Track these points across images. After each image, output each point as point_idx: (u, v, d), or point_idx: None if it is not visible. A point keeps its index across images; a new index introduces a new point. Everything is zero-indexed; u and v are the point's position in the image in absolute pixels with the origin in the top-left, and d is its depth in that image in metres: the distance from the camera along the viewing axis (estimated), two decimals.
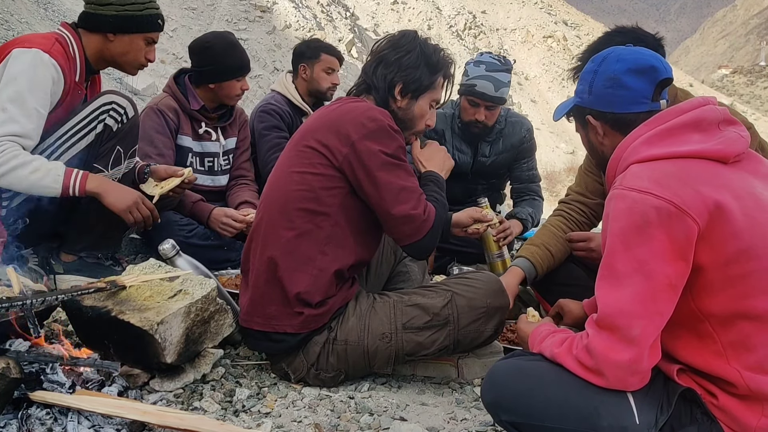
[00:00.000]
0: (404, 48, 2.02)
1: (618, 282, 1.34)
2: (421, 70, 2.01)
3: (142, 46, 2.46)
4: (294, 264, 1.90)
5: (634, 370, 1.34)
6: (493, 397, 1.51)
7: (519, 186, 3.45)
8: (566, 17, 49.51)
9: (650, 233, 1.31)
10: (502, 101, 3.18)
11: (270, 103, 3.45)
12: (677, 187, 1.32)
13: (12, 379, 1.44)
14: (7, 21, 10.34)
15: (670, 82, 1.58)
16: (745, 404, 1.34)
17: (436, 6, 39.31)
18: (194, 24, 20.73)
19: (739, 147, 1.40)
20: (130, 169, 2.50)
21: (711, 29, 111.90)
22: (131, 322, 1.69)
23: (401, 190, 1.90)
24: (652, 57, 1.56)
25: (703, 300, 1.35)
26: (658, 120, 1.46)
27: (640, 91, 1.53)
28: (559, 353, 1.43)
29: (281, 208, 1.94)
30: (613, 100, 1.55)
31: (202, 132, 3.04)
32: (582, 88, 1.63)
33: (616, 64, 1.55)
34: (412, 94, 2.03)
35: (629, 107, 1.54)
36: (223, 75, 2.94)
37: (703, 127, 1.42)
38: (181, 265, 2.16)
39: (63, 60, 2.31)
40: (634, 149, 1.45)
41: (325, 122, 1.96)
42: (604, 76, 1.56)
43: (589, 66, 1.62)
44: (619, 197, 1.37)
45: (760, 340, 1.33)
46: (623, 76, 1.53)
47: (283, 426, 1.69)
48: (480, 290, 1.99)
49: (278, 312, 1.92)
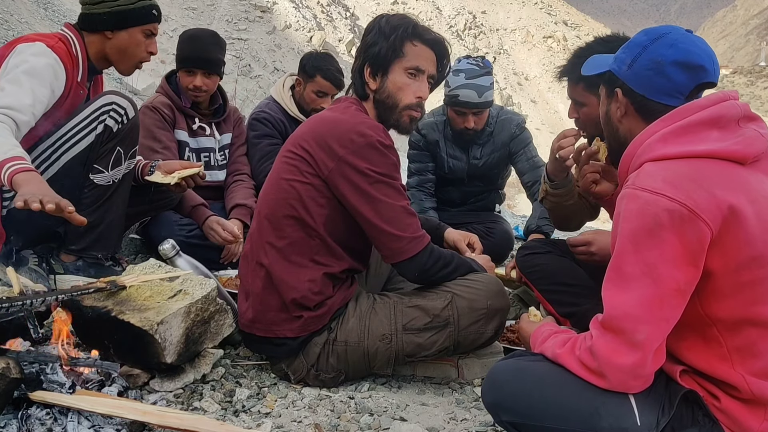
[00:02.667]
0: (366, 31, 1.99)
1: (626, 284, 1.32)
2: (380, 44, 1.93)
3: (142, 40, 2.44)
4: (287, 271, 1.90)
5: (636, 374, 1.33)
6: (494, 398, 1.50)
7: (526, 178, 3.40)
8: (566, 17, 49.48)
9: (661, 236, 1.28)
10: (487, 105, 3.19)
11: (263, 111, 3.42)
12: (691, 189, 1.27)
13: (12, 379, 1.44)
14: (7, 21, 10.35)
15: (712, 86, 1.49)
16: (748, 408, 1.34)
17: (436, 6, 39.30)
18: (194, 24, 20.71)
19: (758, 147, 1.35)
20: (130, 169, 2.50)
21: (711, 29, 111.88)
22: (131, 322, 1.69)
23: (388, 209, 1.86)
24: (705, 55, 1.46)
25: (711, 305, 1.33)
26: (676, 116, 1.39)
27: (679, 85, 1.45)
28: (561, 354, 1.42)
29: (270, 216, 1.94)
30: (650, 84, 1.46)
31: (196, 128, 3.08)
32: (624, 57, 1.52)
33: (668, 49, 1.45)
34: (379, 70, 1.94)
35: (662, 97, 1.46)
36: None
37: (722, 125, 1.36)
38: (181, 265, 2.16)
39: (65, 57, 2.31)
40: (649, 146, 1.39)
41: (315, 133, 1.91)
42: (650, 56, 1.46)
43: (641, 38, 1.51)
44: (631, 197, 1.32)
45: (766, 346, 1.32)
46: (669, 66, 1.44)
47: (283, 426, 1.69)
48: (480, 291, 1.98)
49: (278, 318, 1.92)
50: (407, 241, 1.88)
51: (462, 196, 3.55)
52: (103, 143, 2.37)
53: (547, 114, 37.06)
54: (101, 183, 2.40)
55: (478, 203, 3.61)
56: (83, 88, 2.42)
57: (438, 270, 1.96)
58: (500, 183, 3.64)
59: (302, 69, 3.41)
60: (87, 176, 2.38)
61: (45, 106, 2.23)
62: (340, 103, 2.03)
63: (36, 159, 2.29)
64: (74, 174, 2.35)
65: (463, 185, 3.49)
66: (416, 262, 1.91)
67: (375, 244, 1.96)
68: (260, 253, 1.94)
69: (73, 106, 2.37)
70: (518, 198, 13.02)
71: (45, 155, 2.30)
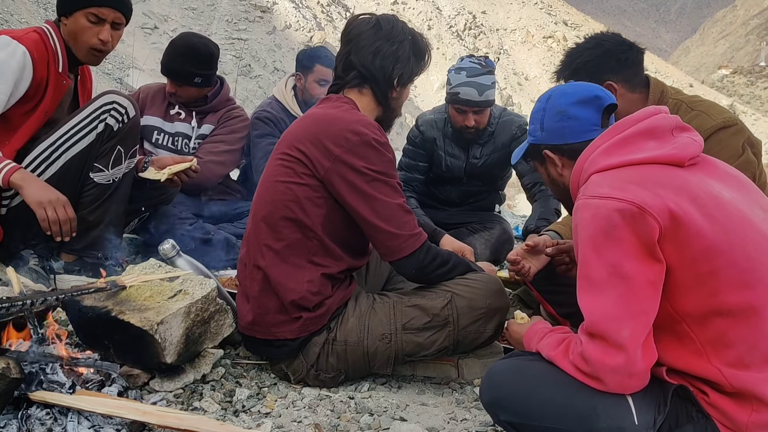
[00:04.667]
0: (398, 39, 2.00)
1: (597, 289, 1.36)
2: (412, 59, 2.02)
3: (86, 25, 2.32)
4: (285, 274, 1.90)
5: (630, 372, 1.34)
6: (492, 397, 1.51)
7: (526, 180, 3.39)
8: (566, 17, 49.50)
9: (618, 236, 1.34)
10: (488, 104, 3.18)
11: (265, 110, 3.43)
12: (637, 190, 1.36)
13: (12, 379, 1.44)
14: (7, 21, 10.35)
15: (615, 108, 1.69)
16: (735, 401, 1.35)
17: (436, 6, 39.32)
18: (194, 24, 20.73)
19: (692, 150, 1.45)
20: (130, 169, 2.50)
21: (711, 30, 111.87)
22: (131, 322, 1.69)
23: (385, 207, 1.87)
24: (593, 87, 1.69)
25: (677, 300, 1.37)
26: (614, 131, 1.52)
27: (589, 119, 1.64)
28: (556, 356, 1.44)
29: (266, 218, 1.93)
30: (565, 132, 1.65)
31: (173, 113, 3.15)
32: (534, 127, 1.73)
33: (561, 98, 1.67)
34: (404, 83, 2.04)
35: (582, 136, 1.63)
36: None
37: (657, 134, 1.47)
38: (181, 265, 2.17)
39: (35, 48, 2.28)
40: (593, 160, 1.50)
41: (309, 132, 1.91)
42: (552, 111, 1.68)
43: (537, 106, 1.73)
44: (583, 207, 1.41)
45: (736, 335, 1.34)
46: (570, 108, 1.65)
47: (283, 426, 1.69)
48: (480, 291, 1.99)
49: (277, 319, 1.92)
50: (404, 238, 1.89)
51: (461, 196, 3.55)
52: (104, 142, 2.37)
53: None
54: (101, 182, 2.41)
55: (478, 203, 3.60)
56: (65, 78, 2.40)
57: (435, 268, 1.97)
58: (500, 184, 3.63)
59: (299, 64, 3.46)
60: (87, 175, 2.39)
61: (5, 94, 2.21)
62: (331, 101, 2.01)
63: (37, 158, 2.30)
64: (74, 173, 2.36)
65: (462, 184, 3.48)
66: (413, 259, 1.92)
67: (372, 242, 1.96)
68: (257, 255, 1.94)
69: (57, 94, 2.38)
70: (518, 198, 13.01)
71: (45, 154, 2.30)
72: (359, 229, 1.93)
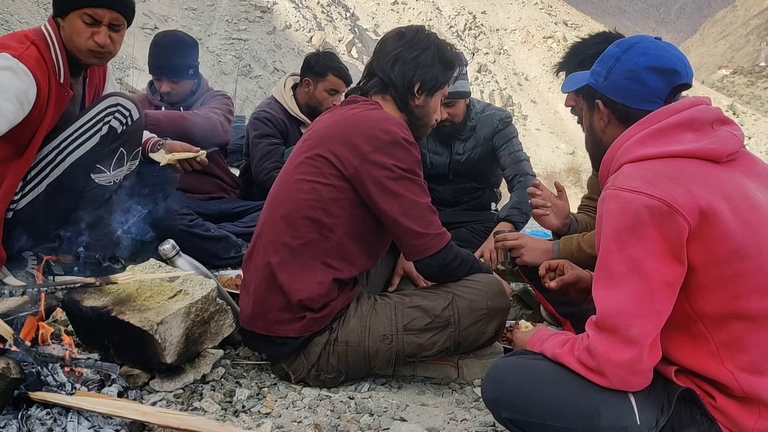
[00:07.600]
0: (420, 46, 2.00)
1: (614, 282, 1.34)
2: (437, 67, 2.02)
3: (81, 26, 2.20)
4: (296, 272, 1.89)
5: (635, 369, 1.33)
6: (494, 394, 1.51)
7: (507, 172, 3.32)
8: (566, 18, 49.51)
9: (643, 232, 1.31)
10: (459, 95, 3.12)
11: (265, 111, 3.43)
12: (669, 186, 1.32)
13: (12, 379, 1.44)
14: (7, 21, 10.35)
15: (687, 88, 1.55)
16: (743, 406, 1.34)
17: (436, 6, 39.34)
18: (194, 24, 20.74)
19: (731, 146, 1.39)
20: (131, 170, 2.49)
21: (711, 30, 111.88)
22: (131, 322, 1.69)
23: (413, 206, 1.89)
24: (677, 59, 1.51)
25: (696, 300, 1.35)
26: (652, 120, 1.45)
27: (656, 90, 1.50)
28: (561, 354, 1.43)
29: (287, 215, 1.93)
30: (628, 92, 1.52)
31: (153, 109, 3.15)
32: (599, 70, 1.57)
33: (640, 57, 1.51)
34: (428, 91, 2.03)
35: (641, 104, 1.51)
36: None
37: (696, 127, 1.41)
38: (181, 266, 2.17)
39: (37, 65, 2.16)
40: (627, 149, 1.44)
41: (338, 132, 1.92)
42: (625, 66, 1.52)
43: (613, 50, 1.56)
44: (612, 198, 1.37)
45: (752, 340, 1.33)
46: (644, 72, 1.50)
47: (283, 426, 1.69)
48: (481, 292, 1.99)
49: (280, 317, 1.92)
50: (431, 237, 1.90)
51: (453, 195, 3.51)
52: (107, 144, 2.36)
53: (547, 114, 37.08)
54: (102, 183, 2.40)
55: (473, 202, 3.57)
56: (67, 90, 2.28)
57: (457, 266, 1.99)
58: (494, 181, 3.59)
59: (310, 69, 3.42)
60: (88, 176, 2.38)
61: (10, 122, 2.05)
62: (357, 102, 2.02)
63: (41, 161, 2.27)
64: (78, 175, 2.34)
65: (450, 182, 3.45)
66: (438, 258, 1.93)
67: (397, 242, 1.97)
68: (269, 251, 1.93)
69: (60, 108, 2.27)
70: None
71: (50, 157, 2.28)
72: (378, 233, 1.95)
